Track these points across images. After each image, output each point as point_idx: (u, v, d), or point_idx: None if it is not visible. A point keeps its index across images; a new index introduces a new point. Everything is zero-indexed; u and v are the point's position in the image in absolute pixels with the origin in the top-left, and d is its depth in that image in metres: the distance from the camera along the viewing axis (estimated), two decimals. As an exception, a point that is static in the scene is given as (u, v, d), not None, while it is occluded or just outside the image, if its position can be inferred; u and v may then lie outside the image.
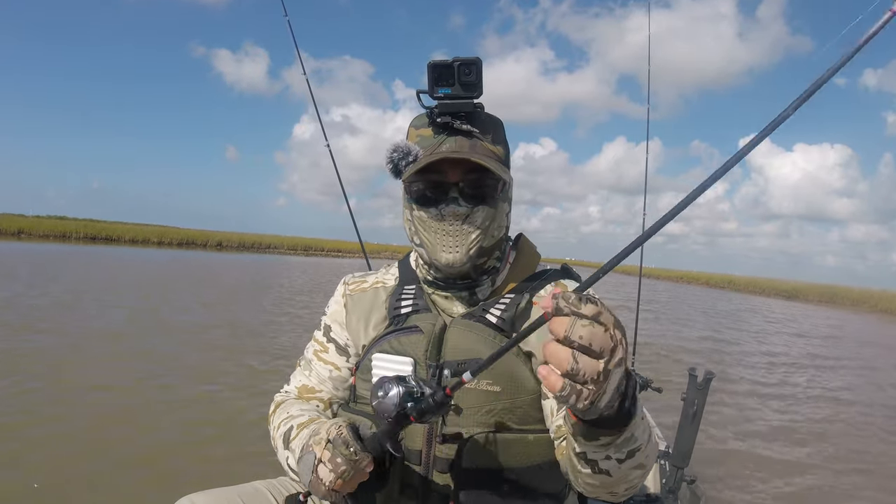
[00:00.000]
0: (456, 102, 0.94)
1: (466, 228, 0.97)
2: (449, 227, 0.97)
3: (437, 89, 0.93)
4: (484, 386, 0.96)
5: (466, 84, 0.93)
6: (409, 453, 0.98)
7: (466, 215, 0.97)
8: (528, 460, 0.97)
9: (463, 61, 0.92)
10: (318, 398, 1.10)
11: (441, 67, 0.92)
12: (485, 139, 0.98)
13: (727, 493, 3.34)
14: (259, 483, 1.08)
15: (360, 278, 1.16)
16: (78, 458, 3.02)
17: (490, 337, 0.98)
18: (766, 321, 16.11)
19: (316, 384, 1.11)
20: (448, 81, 0.93)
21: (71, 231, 33.10)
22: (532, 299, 1.02)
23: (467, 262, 0.97)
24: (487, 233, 0.99)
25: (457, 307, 1.04)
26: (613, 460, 0.72)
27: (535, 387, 0.98)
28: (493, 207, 0.99)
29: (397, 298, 1.06)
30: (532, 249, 1.13)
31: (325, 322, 1.14)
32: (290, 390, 1.14)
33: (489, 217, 0.98)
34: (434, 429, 0.97)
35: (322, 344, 1.13)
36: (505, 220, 1.03)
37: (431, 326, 1.00)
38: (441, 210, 0.97)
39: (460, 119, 0.95)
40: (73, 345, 5.60)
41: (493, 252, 1.03)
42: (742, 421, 4.93)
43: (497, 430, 0.96)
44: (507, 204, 1.04)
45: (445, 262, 0.97)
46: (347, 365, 1.10)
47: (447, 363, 0.96)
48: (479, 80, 0.93)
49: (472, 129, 0.96)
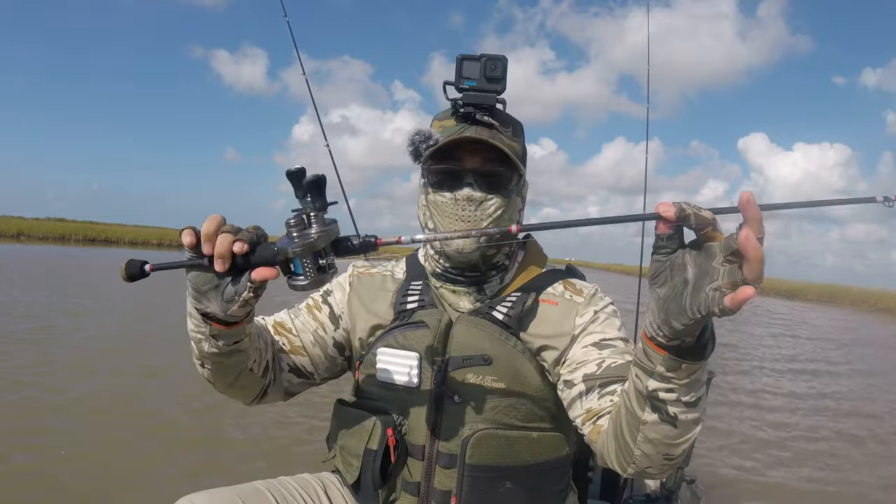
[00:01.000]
0: (480, 94, 0.98)
1: (479, 215, 0.99)
2: (462, 213, 0.99)
3: (463, 81, 0.98)
4: (488, 382, 0.97)
5: (491, 78, 0.97)
6: (413, 448, 0.99)
7: (480, 202, 0.99)
8: (532, 458, 0.98)
9: (490, 56, 0.97)
10: (289, 340, 1.06)
11: (469, 60, 0.98)
12: (504, 133, 1.01)
13: (727, 492, 3.34)
14: (259, 483, 1.08)
15: (369, 266, 1.17)
16: (80, 455, 3.02)
17: (496, 334, 0.99)
18: (780, 323, 16.09)
19: (296, 327, 1.07)
20: (474, 75, 0.98)
21: (70, 233, 33.13)
22: (539, 297, 1.05)
23: (476, 249, 0.99)
24: (499, 223, 1.00)
25: (464, 302, 1.05)
26: (683, 404, 0.71)
27: (540, 384, 1.00)
28: (507, 198, 1.02)
29: (404, 294, 1.07)
30: (540, 250, 1.15)
31: (327, 287, 1.13)
32: (265, 319, 1.08)
33: (502, 207, 1.01)
34: (438, 424, 0.98)
35: (318, 303, 1.12)
36: (517, 216, 1.06)
37: (437, 322, 1.00)
38: (456, 195, 0.99)
39: (483, 111, 0.99)
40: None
41: (503, 246, 1.04)
42: (744, 420, 4.94)
43: (501, 426, 0.97)
44: (520, 200, 1.07)
45: (456, 247, 0.99)
46: (334, 333, 1.09)
47: (452, 359, 0.97)
48: (503, 75, 0.98)
49: (493, 121, 0.99)
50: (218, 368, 0.90)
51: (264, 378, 1.00)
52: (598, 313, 1.04)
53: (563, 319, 1.03)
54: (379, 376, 1.02)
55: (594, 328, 1.02)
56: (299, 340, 1.07)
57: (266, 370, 0.99)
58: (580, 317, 1.03)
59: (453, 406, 0.97)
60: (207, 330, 0.82)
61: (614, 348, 0.98)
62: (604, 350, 0.97)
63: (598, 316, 1.03)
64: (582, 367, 0.96)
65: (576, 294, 1.07)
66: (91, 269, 15.61)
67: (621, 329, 1.03)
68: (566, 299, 1.06)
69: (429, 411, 0.98)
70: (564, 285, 1.08)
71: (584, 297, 1.06)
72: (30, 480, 2.73)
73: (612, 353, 0.96)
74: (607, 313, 1.05)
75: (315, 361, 1.08)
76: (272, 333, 1.06)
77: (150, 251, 30.16)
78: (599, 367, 0.94)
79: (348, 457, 1.02)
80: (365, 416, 1.01)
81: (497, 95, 0.99)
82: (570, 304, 1.05)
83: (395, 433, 0.98)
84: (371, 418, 1.00)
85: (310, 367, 1.09)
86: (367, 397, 1.05)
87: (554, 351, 1.01)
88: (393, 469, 0.98)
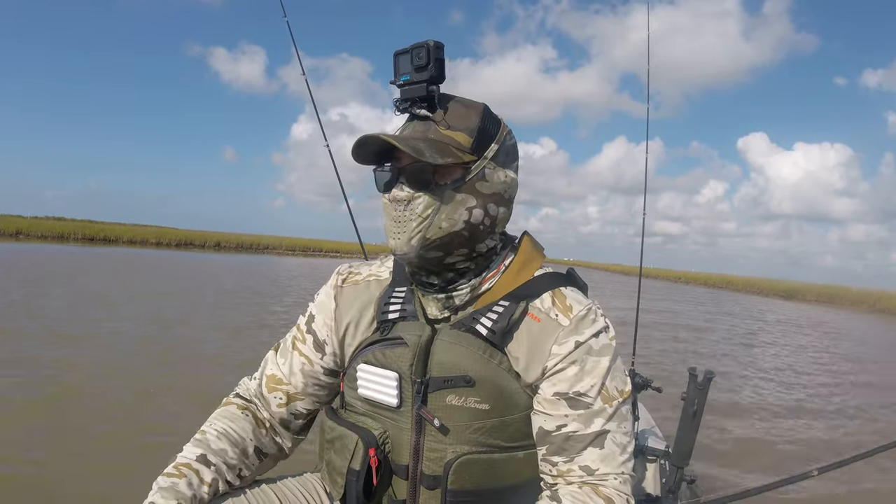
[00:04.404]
0: (409, 87, 0.93)
1: (407, 215, 0.93)
2: (394, 213, 0.94)
3: (398, 77, 0.94)
4: (471, 404, 0.92)
5: (419, 67, 0.92)
6: (397, 468, 0.97)
7: (408, 201, 0.93)
8: (517, 478, 0.95)
9: (416, 45, 0.92)
10: (284, 391, 1.08)
11: (401, 55, 0.93)
12: (440, 124, 0.94)
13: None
14: (259, 483, 1.07)
15: (356, 269, 1.12)
16: (79, 454, 3.01)
17: (479, 350, 0.93)
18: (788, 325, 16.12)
19: (285, 375, 1.08)
20: (406, 69, 0.93)
21: (69, 232, 33.11)
22: (527, 308, 0.95)
23: (409, 251, 0.93)
24: (432, 223, 0.92)
25: (431, 309, 1.00)
26: None
27: (528, 402, 0.95)
28: (438, 196, 0.92)
29: (386, 302, 1.02)
30: (533, 250, 1.04)
31: (311, 311, 1.10)
32: (257, 378, 1.11)
33: (431, 206, 0.92)
34: (421, 445, 0.95)
35: (302, 333, 1.10)
36: (464, 214, 0.93)
37: (417, 338, 0.95)
38: (387, 196, 0.95)
39: (417, 105, 0.94)
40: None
41: (452, 248, 0.95)
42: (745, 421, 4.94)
43: (485, 449, 0.93)
44: (470, 196, 0.94)
45: (392, 249, 0.96)
46: (321, 362, 1.07)
47: (433, 380, 0.93)
48: (430, 61, 0.91)
49: (428, 113, 0.94)
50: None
51: (266, 456, 1.08)
52: (581, 347, 0.92)
53: (540, 343, 0.93)
54: (361, 392, 0.99)
55: (571, 371, 0.92)
56: (292, 387, 1.07)
57: (261, 454, 1.07)
58: (558, 345, 0.92)
59: (435, 428, 0.93)
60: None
61: (583, 412, 0.91)
62: (572, 409, 0.91)
63: (580, 352, 0.92)
64: (542, 416, 0.93)
65: (563, 313, 0.95)
66: (91, 269, 15.59)
67: (609, 371, 0.93)
68: (550, 318, 0.94)
69: (410, 433, 0.95)
70: (554, 298, 0.97)
71: (572, 320, 0.94)
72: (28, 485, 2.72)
73: (578, 417, 0.91)
74: (594, 349, 0.93)
75: (313, 398, 1.09)
76: (266, 392, 1.09)
77: (148, 250, 30.16)
78: (558, 430, 0.91)
79: (334, 474, 1.00)
80: (347, 434, 0.98)
81: (429, 84, 0.92)
82: (552, 326, 0.94)
83: (378, 453, 0.96)
84: (353, 437, 0.97)
85: (310, 406, 1.10)
86: (352, 410, 1.03)
87: (528, 375, 0.94)
88: (378, 488, 0.96)
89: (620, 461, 0.91)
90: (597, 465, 0.90)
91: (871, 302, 29.55)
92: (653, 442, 2.42)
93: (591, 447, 0.91)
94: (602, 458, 0.90)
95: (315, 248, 48.69)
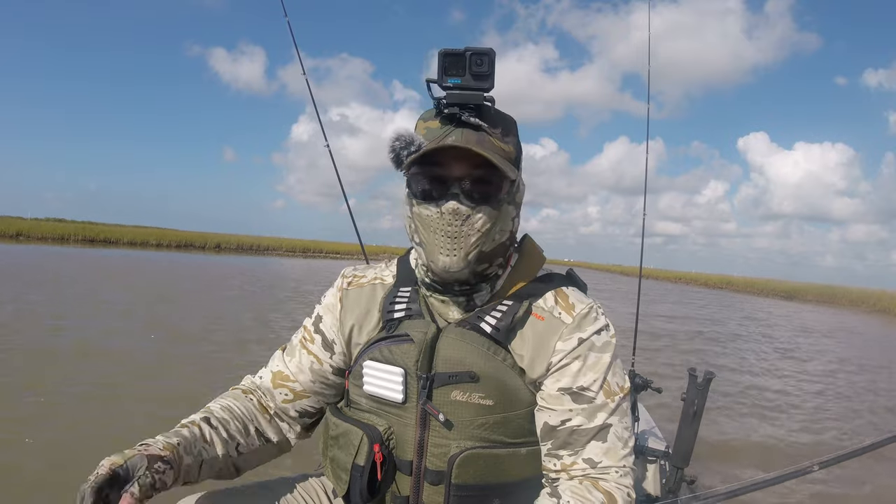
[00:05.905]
0: (465, 93, 0.90)
1: (466, 230, 0.91)
2: (448, 228, 0.91)
3: (446, 79, 0.90)
4: (476, 399, 0.93)
5: (478, 75, 0.89)
6: (401, 463, 0.97)
7: (467, 215, 0.91)
8: (519, 474, 0.96)
9: (475, 51, 0.89)
10: (290, 388, 1.08)
11: (452, 56, 0.89)
12: (494, 134, 0.92)
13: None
14: (261, 483, 1.08)
15: (360, 272, 1.12)
16: (81, 451, 3.01)
17: (483, 347, 0.95)
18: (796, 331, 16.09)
19: (293, 372, 1.08)
20: (459, 72, 0.89)
21: (69, 233, 33.21)
22: (531, 308, 0.98)
23: (465, 267, 0.92)
24: (489, 236, 0.93)
25: (453, 312, 1.00)
26: None
27: (531, 399, 0.96)
28: (497, 209, 0.93)
29: (391, 301, 1.03)
30: (535, 252, 1.07)
31: (318, 312, 1.11)
32: (263, 375, 1.12)
33: (491, 219, 0.92)
34: (425, 440, 0.95)
35: (310, 333, 1.10)
36: (510, 225, 0.97)
37: (423, 335, 0.96)
38: (441, 208, 0.91)
39: (469, 111, 0.90)
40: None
41: (496, 258, 0.97)
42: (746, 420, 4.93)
43: (488, 444, 0.94)
44: (513, 207, 0.97)
45: (442, 266, 0.92)
46: (330, 361, 1.08)
47: (438, 375, 0.94)
48: (490, 71, 0.89)
49: (481, 122, 0.91)
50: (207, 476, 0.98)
51: (267, 441, 1.08)
52: (584, 343, 0.95)
53: (545, 340, 0.96)
54: (366, 389, 1.00)
55: (574, 366, 0.94)
56: (299, 385, 1.08)
57: (261, 436, 1.07)
58: (562, 342, 0.95)
59: (440, 423, 0.94)
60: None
61: (587, 407, 0.93)
62: (575, 404, 0.93)
63: (583, 348, 0.95)
64: (546, 412, 0.94)
65: (566, 311, 0.98)
66: (91, 269, 15.57)
67: (610, 367, 0.96)
68: (554, 316, 0.97)
69: (415, 428, 0.96)
70: (556, 297, 1.00)
71: (574, 317, 0.97)
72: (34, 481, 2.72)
73: (582, 412, 0.93)
74: (595, 345, 0.96)
75: (320, 396, 1.09)
76: (272, 387, 1.09)
77: (148, 251, 30.15)
78: (562, 424, 0.92)
79: (338, 470, 1.01)
80: (352, 430, 0.99)
81: (485, 94, 0.90)
82: (555, 324, 0.97)
83: (383, 448, 0.96)
84: (358, 433, 0.97)
85: (317, 405, 1.10)
86: (357, 407, 1.03)
87: (532, 371, 0.96)
88: (382, 484, 0.97)
89: (622, 455, 0.93)
90: (600, 458, 0.92)
91: (872, 302, 29.52)
92: (653, 442, 2.41)
93: (595, 441, 0.93)
94: (605, 451, 0.92)
95: (315, 250, 48.70)
